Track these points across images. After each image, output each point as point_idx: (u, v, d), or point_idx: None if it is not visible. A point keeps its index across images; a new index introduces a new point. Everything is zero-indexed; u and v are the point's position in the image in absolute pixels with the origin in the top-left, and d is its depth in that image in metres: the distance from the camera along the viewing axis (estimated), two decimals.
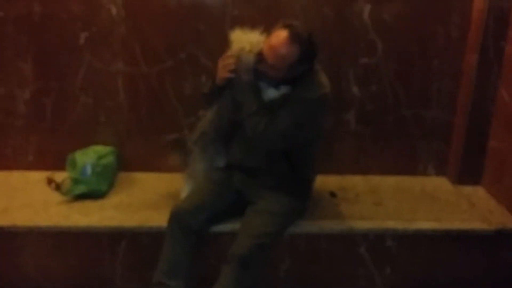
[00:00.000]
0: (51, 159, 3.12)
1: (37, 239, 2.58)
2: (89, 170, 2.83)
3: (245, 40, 2.37)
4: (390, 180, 3.24)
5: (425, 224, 2.69)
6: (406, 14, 3.00)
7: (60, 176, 2.96)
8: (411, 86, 3.13)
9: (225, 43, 2.91)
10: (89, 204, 2.76)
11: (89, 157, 2.88)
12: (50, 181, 2.95)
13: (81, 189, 2.78)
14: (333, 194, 2.98)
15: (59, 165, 2.99)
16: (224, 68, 2.37)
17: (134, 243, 2.62)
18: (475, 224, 2.72)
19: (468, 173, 3.18)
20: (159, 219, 2.56)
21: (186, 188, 2.72)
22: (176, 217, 2.41)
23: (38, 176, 3.06)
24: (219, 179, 2.60)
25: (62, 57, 2.96)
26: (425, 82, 3.12)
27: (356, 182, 3.20)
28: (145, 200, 2.83)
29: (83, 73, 2.99)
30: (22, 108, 3.03)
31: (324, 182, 3.12)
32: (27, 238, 2.58)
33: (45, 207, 2.72)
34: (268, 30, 2.35)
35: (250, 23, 2.85)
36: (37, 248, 2.60)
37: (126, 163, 3.17)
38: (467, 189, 3.14)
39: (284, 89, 2.37)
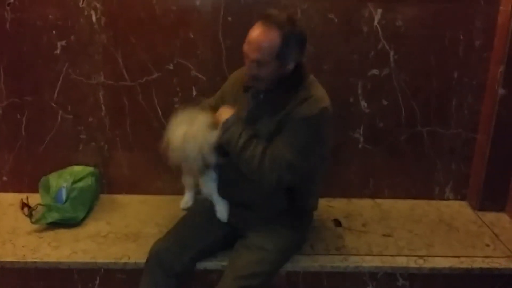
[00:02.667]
0: (28, 180, 2.86)
1: (0, 275, 2.30)
2: (63, 195, 2.55)
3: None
4: (403, 205, 2.91)
5: (441, 262, 2.36)
6: (422, 19, 2.67)
7: (37, 199, 2.67)
8: (428, 100, 2.80)
9: (217, 53, 2.65)
10: (62, 234, 2.48)
11: (64, 179, 2.60)
12: (23, 205, 2.67)
13: (54, 216, 2.50)
14: (337, 223, 2.66)
15: (37, 187, 2.71)
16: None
17: (109, 280, 2.33)
18: (499, 262, 2.38)
19: (491, 198, 2.86)
20: (138, 254, 2.29)
21: (187, 198, 2.58)
22: (155, 257, 2.10)
23: (12, 199, 2.80)
24: (207, 210, 2.28)
25: (37, 68, 2.68)
26: (443, 96, 2.79)
27: (364, 207, 2.88)
28: (125, 229, 2.55)
29: (60, 87, 2.70)
30: None
31: (328, 207, 2.85)
32: None
33: (13, 237, 2.45)
34: None
35: (244, 30, 2.60)
36: (1, 286, 2.33)
37: (109, 184, 2.89)
38: (490, 216, 2.82)
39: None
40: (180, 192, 2.72)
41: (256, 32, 1.93)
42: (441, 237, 2.58)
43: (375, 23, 2.64)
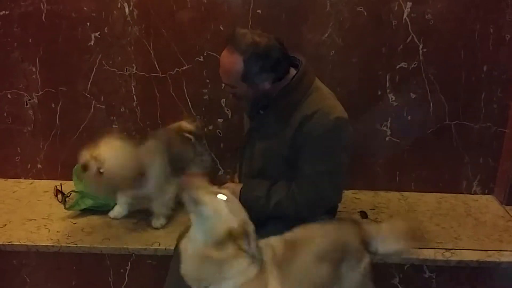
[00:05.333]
0: (61, 168, 2.93)
1: (35, 259, 2.39)
2: None
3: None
4: (430, 199, 2.91)
5: (469, 255, 2.36)
6: (452, 13, 2.66)
7: (70, 186, 2.75)
8: (456, 94, 2.79)
9: None
10: (94, 220, 2.55)
11: None
12: (57, 192, 2.75)
13: (87, 203, 2.58)
14: (364, 215, 2.68)
15: (70, 175, 2.78)
16: None
17: (139, 265, 2.40)
18: None
19: None
20: (168, 241, 2.36)
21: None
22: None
23: (46, 186, 2.88)
24: None
25: (71, 59, 2.75)
26: (472, 90, 2.78)
27: (391, 200, 2.89)
28: None
29: (93, 77, 2.77)
30: (30, 113, 2.85)
31: (354, 199, 2.86)
32: (25, 257, 2.39)
33: (47, 222, 2.53)
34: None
35: (274, 23, 2.64)
36: (36, 269, 2.42)
37: None
38: None
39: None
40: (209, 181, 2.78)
41: (222, 57, 1.97)
42: (469, 230, 2.58)
43: (405, 16, 2.64)
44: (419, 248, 2.38)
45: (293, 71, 2.03)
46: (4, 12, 2.65)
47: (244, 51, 1.91)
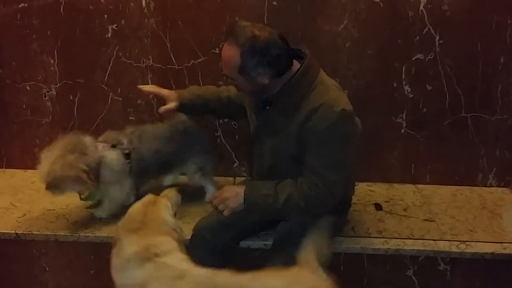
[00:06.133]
0: None
1: (54, 248, 2.44)
2: None
3: None
4: (445, 191, 2.90)
5: (484, 247, 2.36)
6: (469, 4, 2.63)
7: None
8: (473, 86, 2.77)
9: None
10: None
11: None
12: None
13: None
14: (378, 207, 2.68)
15: None
16: None
17: None
18: None
19: None
20: (184, 230, 2.34)
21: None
22: (199, 234, 2.18)
23: None
24: None
25: (89, 51, 2.78)
26: (489, 82, 2.76)
27: (406, 192, 2.88)
28: None
29: (110, 69, 2.80)
30: (48, 105, 2.89)
31: (369, 191, 2.87)
32: (44, 246, 2.44)
33: (66, 212, 2.57)
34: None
35: (289, 14, 2.64)
36: (55, 257, 2.46)
37: None
38: None
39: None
40: (225, 173, 2.81)
41: (223, 49, 1.97)
42: (484, 223, 2.58)
43: (421, 7, 2.62)
44: (434, 240, 2.40)
45: (296, 65, 2.01)
46: (23, 4, 2.69)
47: (242, 44, 1.90)
